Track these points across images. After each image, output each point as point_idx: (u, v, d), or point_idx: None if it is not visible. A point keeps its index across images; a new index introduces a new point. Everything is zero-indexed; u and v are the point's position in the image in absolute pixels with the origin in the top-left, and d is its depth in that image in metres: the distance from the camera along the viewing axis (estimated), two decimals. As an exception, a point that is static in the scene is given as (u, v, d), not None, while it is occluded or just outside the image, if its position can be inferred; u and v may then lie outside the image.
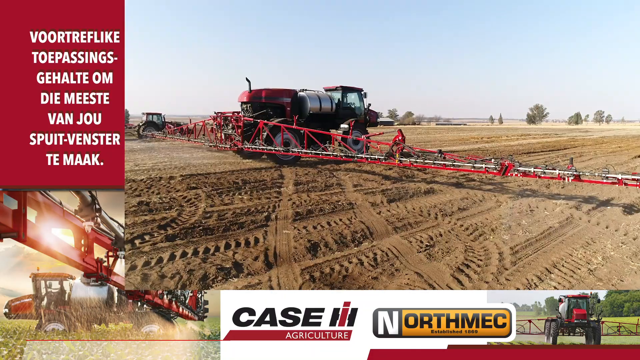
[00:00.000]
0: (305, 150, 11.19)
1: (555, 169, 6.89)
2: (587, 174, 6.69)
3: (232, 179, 9.78)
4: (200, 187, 8.63)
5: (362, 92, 16.38)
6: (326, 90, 16.25)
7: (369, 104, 16.48)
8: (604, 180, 6.43)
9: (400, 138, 9.19)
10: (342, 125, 14.73)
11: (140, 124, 29.48)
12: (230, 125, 13.74)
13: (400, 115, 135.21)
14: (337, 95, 15.93)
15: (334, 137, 12.15)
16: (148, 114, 29.92)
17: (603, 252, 5.06)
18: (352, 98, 16.38)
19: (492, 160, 7.70)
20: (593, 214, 6.87)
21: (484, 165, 7.68)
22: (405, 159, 8.89)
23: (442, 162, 8.27)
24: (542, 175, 6.97)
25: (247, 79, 14.13)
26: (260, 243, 5.21)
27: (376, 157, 9.47)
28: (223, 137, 14.08)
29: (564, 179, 6.71)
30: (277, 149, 11.93)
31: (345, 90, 16.07)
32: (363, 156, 9.79)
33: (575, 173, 6.61)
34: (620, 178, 6.26)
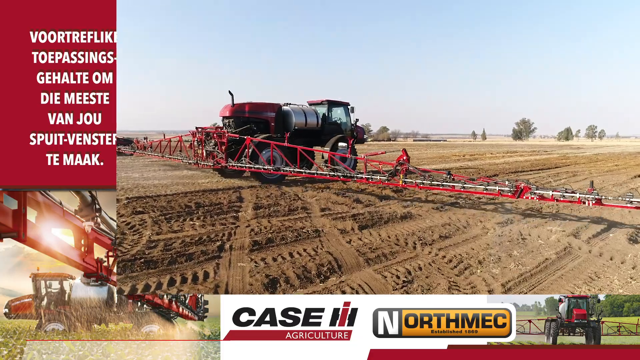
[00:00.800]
0: (298, 170, 10.45)
1: (575, 193, 6.47)
2: (609, 198, 6.30)
3: (185, 202, 8.80)
4: (148, 212, 7.77)
5: (349, 107, 15.50)
6: (310, 104, 15.22)
7: (357, 119, 15.70)
8: (628, 205, 6.07)
9: (404, 158, 8.61)
10: (340, 144, 13.64)
11: None
12: (213, 141, 12.62)
13: (374, 130, 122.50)
14: (322, 110, 14.88)
15: (329, 155, 11.55)
16: None
17: (610, 289, 4.49)
18: (338, 113, 15.46)
19: (507, 182, 7.25)
20: (594, 242, 6.12)
21: (497, 188, 7.20)
22: (410, 180, 8.35)
23: (451, 184, 7.74)
24: (561, 199, 6.56)
25: (229, 92, 13.07)
26: (210, 278, 4.57)
27: (378, 177, 8.89)
28: (204, 154, 12.83)
29: (584, 202, 6.39)
30: (265, 167, 11.13)
31: (332, 104, 15.05)
32: (363, 176, 9.17)
33: (597, 197, 6.28)
34: None
